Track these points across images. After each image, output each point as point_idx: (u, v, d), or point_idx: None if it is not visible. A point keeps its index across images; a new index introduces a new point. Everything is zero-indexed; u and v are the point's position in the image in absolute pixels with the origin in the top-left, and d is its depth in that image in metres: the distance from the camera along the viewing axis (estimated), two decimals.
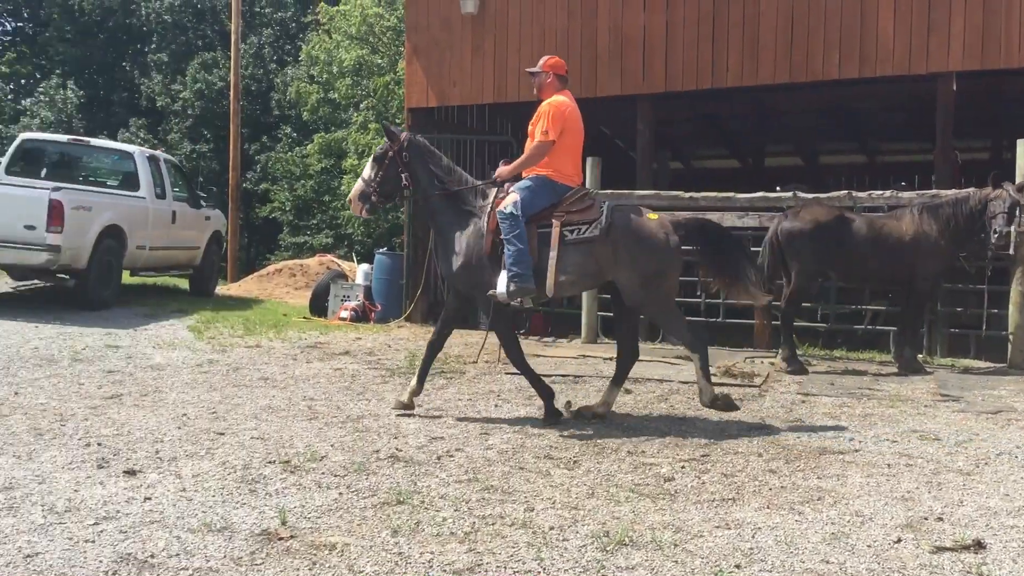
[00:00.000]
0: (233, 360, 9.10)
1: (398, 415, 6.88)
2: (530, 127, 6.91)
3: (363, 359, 9.56)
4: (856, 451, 6.11)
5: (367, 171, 6.97)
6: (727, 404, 6.79)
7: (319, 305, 13.62)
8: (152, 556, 3.93)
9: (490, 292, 6.58)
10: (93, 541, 4.08)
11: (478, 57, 13.49)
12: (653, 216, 6.75)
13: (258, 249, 38.45)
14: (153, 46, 41.20)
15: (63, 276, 11.76)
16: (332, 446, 5.88)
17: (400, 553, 4.05)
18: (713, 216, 10.93)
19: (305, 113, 32.12)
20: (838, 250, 9.38)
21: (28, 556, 3.90)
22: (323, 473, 5.25)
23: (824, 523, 4.57)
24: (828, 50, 11.77)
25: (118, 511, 4.47)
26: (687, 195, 11.15)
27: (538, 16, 13.23)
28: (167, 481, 4.98)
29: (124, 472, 5.10)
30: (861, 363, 10.27)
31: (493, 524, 4.44)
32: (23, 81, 44.80)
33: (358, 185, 6.99)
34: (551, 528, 4.40)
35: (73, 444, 5.67)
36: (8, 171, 13.10)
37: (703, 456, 5.88)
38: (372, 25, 28.28)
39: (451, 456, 5.74)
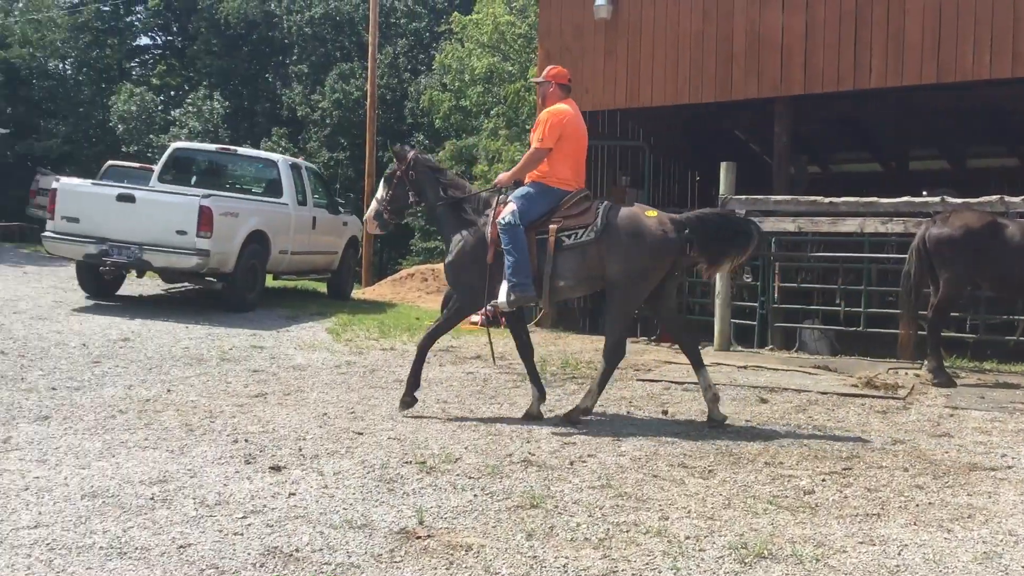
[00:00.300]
0: (369, 362, 9.32)
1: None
2: (531, 134, 7.10)
3: (495, 363, 9.65)
4: (1009, 468, 5.81)
5: (380, 191, 7.34)
6: (578, 418, 6.79)
7: None
8: (297, 550, 4.06)
9: (492, 302, 6.84)
10: (241, 534, 4.24)
11: (610, 62, 13.46)
12: (652, 213, 6.77)
13: (389, 254, 39.33)
14: (294, 58, 42.73)
15: (211, 279, 12.29)
16: (466, 448, 5.95)
17: (535, 557, 4.06)
18: (854, 222, 10.60)
19: (437, 120, 32.72)
20: (990, 258, 8.92)
21: (181, 547, 4.08)
22: (458, 475, 5.32)
23: (975, 542, 4.36)
24: (978, 49, 11.24)
25: (264, 505, 4.64)
26: (826, 200, 10.84)
27: (672, 19, 13.10)
28: (310, 478, 5.14)
29: (270, 468, 5.28)
30: (1013, 376, 9.75)
31: (627, 531, 4.41)
32: (172, 92, 47.18)
33: (372, 206, 7.40)
34: (687, 537, 4.34)
35: (222, 440, 5.91)
36: (161, 179, 13.79)
37: (845, 469, 5.69)
38: (503, 33, 28.60)
39: (583, 462, 5.73)
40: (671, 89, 13.26)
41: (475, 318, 13.07)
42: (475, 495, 4.94)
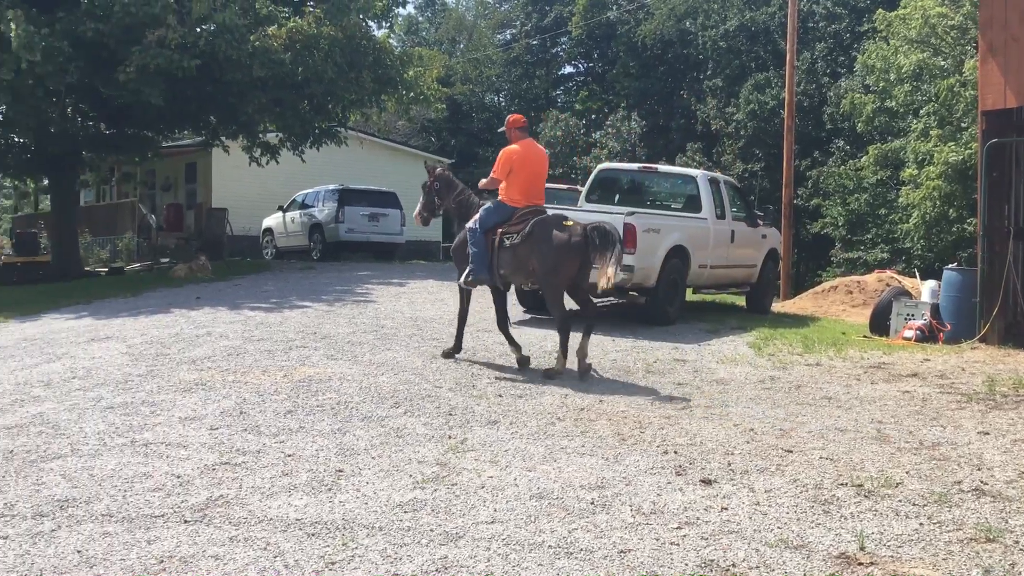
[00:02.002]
0: (794, 378, 9.09)
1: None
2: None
3: (934, 382, 8.96)
4: None
5: (422, 197, 9.85)
6: (555, 374, 8.67)
7: (880, 323, 13.06)
8: (733, 565, 4.07)
9: (459, 280, 9.28)
10: (678, 544, 4.34)
11: None
12: (569, 223, 8.86)
13: (808, 265, 38.09)
14: (708, 72, 43.05)
15: (635, 293, 12.71)
16: (907, 473, 5.58)
17: None
18: None
19: (859, 124, 31.12)
20: None
21: (622, 551, 4.26)
22: (900, 500, 5.01)
23: None
24: None
25: (698, 518, 4.70)
26: None
27: None
28: (741, 493, 5.12)
29: (700, 481, 5.35)
30: None
31: None
32: (593, 116, 49.69)
33: (417, 208, 9.87)
34: None
35: (652, 450, 6.08)
36: (588, 199, 14.54)
37: None
38: (934, 26, 26.54)
39: None
40: None
41: (908, 334, 12.24)
42: (921, 523, 4.62)
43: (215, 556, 4.26)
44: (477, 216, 9.20)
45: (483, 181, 9.66)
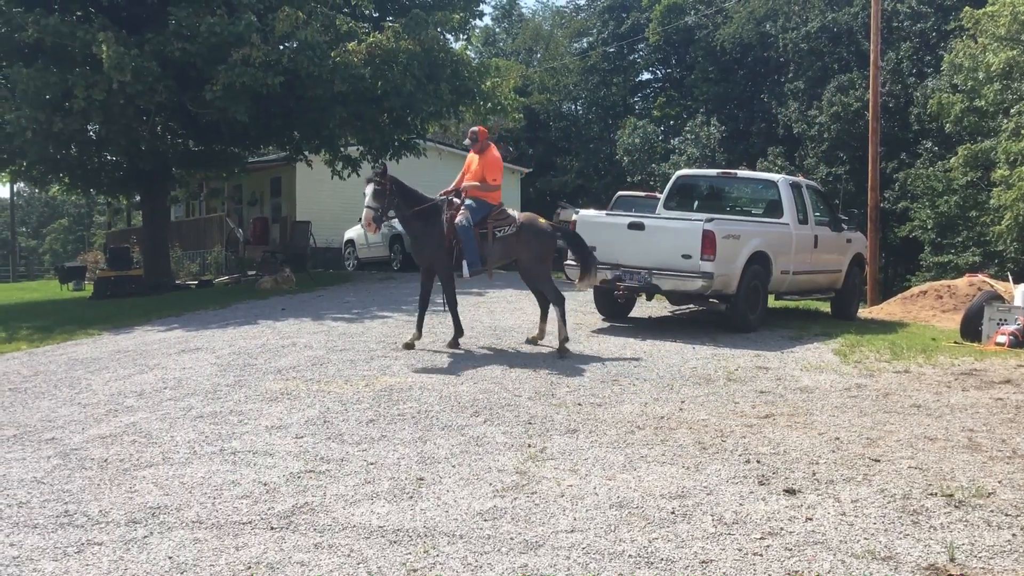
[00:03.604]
0: (881, 385, 8.88)
1: None
2: (476, 166, 10.49)
3: None
4: None
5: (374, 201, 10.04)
6: (566, 348, 10.12)
7: (972, 329, 12.66)
8: None
9: (457, 273, 10.24)
10: (761, 555, 4.28)
11: None
12: (543, 221, 10.63)
13: (896, 270, 37.17)
14: (789, 75, 42.38)
15: (715, 300, 12.57)
16: (1000, 482, 5.41)
17: None
18: None
19: (947, 125, 30.29)
20: None
21: (703, 562, 4.22)
22: (991, 511, 4.86)
23: None
24: None
25: (781, 528, 4.63)
26: None
27: None
28: (826, 503, 5.03)
29: (784, 491, 5.26)
30: None
31: None
32: (672, 122, 49.36)
33: (369, 213, 10.07)
34: None
35: (734, 459, 6.01)
36: (666, 206, 14.43)
37: None
38: None
39: None
40: None
41: (1001, 339, 11.86)
42: (1014, 534, 4.48)
43: (300, 562, 4.35)
44: (466, 213, 10.18)
45: (474, 184, 10.41)
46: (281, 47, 17.56)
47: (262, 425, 6.99)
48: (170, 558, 4.43)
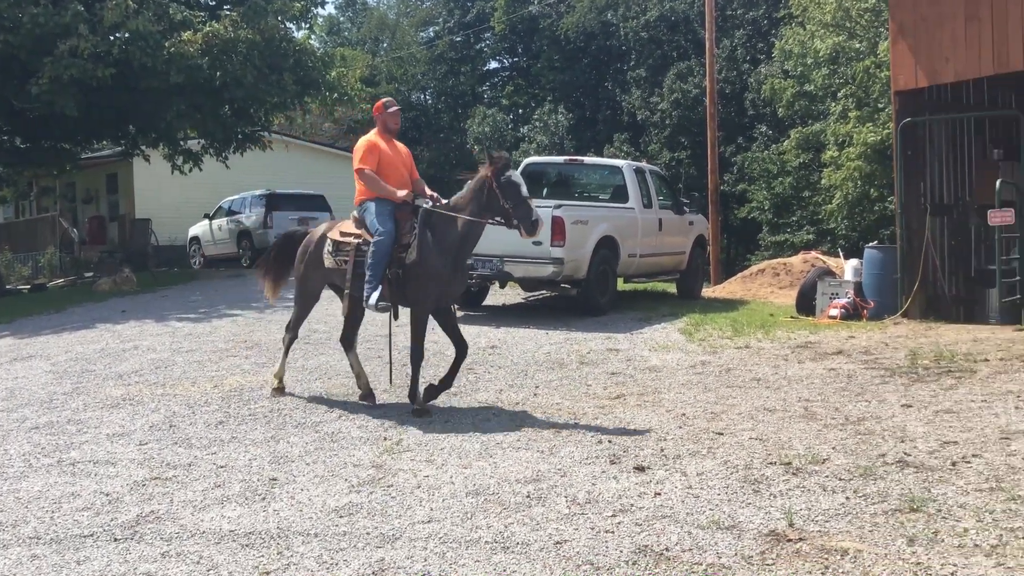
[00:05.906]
0: (724, 361, 9.24)
1: None
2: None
3: (858, 358, 9.18)
4: None
5: None
6: None
7: (806, 304, 13.32)
8: (667, 549, 4.13)
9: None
10: (612, 532, 4.39)
11: (973, 27, 12.29)
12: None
13: (737, 250, 38.68)
14: (632, 63, 43.41)
15: (566, 286, 12.78)
16: (833, 448, 5.72)
17: (918, 563, 3.83)
18: None
19: (780, 109, 31.73)
20: None
21: (558, 543, 4.30)
22: (827, 476, 5.13)
23: None
24: None
25: (632, 505, 4.76)
26: None
27: None
28: (674, 478, 5.20)
29: (634, 468, 5.41)
30: None
31: None
32: (520, 110, 49.79)
33: None
34: None
35: (587, 441, 6.14)
36: None
37: None
38: (848, 10, 27.11)
39: (967, 462, 5.30)
40: None
41: (833, 312, 12.52)
42: (847, 497, 4.74)
43: (147, 573, 4.19)
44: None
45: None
46: (111, 38, 16.79)
47: (103, 433, 6.69)
48: None
